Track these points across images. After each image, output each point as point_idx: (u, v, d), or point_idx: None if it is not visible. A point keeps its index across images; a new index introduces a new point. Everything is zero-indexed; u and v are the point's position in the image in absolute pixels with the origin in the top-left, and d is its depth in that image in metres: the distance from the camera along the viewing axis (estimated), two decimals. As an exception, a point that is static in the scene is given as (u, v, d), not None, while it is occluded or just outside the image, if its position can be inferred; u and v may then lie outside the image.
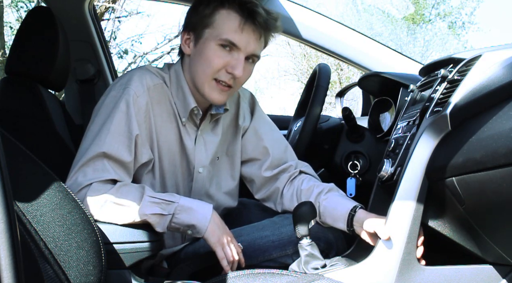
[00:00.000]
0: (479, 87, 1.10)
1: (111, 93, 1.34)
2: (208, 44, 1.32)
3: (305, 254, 1.26)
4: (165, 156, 1.39)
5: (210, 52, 1.31)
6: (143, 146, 1.33)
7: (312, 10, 1.95)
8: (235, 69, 1.31)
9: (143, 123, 1.32)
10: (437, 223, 1.23)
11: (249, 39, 1.31)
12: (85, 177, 1.23)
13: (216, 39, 1.31)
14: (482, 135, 1.05)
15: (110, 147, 1.26)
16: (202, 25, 1.33)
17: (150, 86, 1.34)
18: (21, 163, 1.03)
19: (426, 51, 13.66)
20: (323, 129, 1.90)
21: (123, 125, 1.28)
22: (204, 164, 1.45)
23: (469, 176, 1.06)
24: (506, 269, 1.23)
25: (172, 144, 1.40)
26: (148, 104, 1.33)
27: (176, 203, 1.24)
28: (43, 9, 1.67)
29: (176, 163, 1.42)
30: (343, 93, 2.53)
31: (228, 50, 1.31)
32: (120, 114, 1.29)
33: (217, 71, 1.32)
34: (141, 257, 1.18)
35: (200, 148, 1.44)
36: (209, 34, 1.32)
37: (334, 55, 1.94)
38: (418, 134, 1.22)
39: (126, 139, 1.28)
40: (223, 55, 1.31)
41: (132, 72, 1.38)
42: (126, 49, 9.30)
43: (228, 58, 1.31)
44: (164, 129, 1.38)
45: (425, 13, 14.46)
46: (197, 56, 1.35)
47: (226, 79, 1.33)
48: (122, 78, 1.37)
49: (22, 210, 0.93)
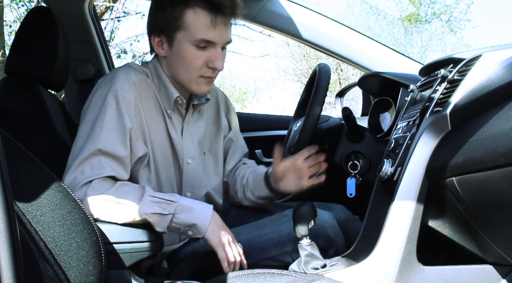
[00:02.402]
0: (479, 87, 1.10)
1: (97, 91, 1.35)
2: (184, 46, 1.34)
3: (305, 254, 1.26)
4: (157, 150, 1.40)
5: (187, 54, 1.34)
6: (137, 140, 1.34)
7: (312, 10, 1.95)
8: (216, 63, 1.35)
9: (134, 117, 1.34)
10: (437, 223, 1.23)
11: (221, 32, 1.34)
12: (83, 175, 1.23)
13: (191, 40, 1.32)
14: (482, 135, 1.05)
15: (105, 143, 1.26)
16: (172, 28, 1.34)
17: (135, 81, 1.36)
18: (21, 163, 1.03)
19: (425, 51, 13.68)
20: (323, 129, 1.90)
21: (115, 120, 1.29)
22: (193, 155, 1.47)
23: (469, 176, 1.06)
24: (506, 269, 1.23)
25: (161, 137, 1.42)
26: (136, 99, 1.35)
27: (177, 202, 1.24)
28: (43, 9, 1.66)
29: (167, 156, 1.43)
30: (343, 93, 2.53)
31: (204, 48, 1.34)
32: (111, 109, 1.29)
33: (200, 69, 1.35)
34: (141, 257, 1.18)
35: (187, 139, 1.46)
36: (182, 36, 1.33)
37: (334, 55, 1.94)
38: (418, 134, 1.22)
39: (120, 134, 1.29)
40: (201, 54, 1.34)
41: (115, 70, 1.40)
42: (125, 49, 9.31)
43: (206, 54, 1.34)
44: (153, 123, 1.39)
45: (421, 13, 14.48)
46: (174, 58, 1.37)
47: (209, 74, 1.37)
48: (107, 77, 1.38)
49: (22, 210, 0.93)
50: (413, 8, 14.00)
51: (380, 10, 13.17)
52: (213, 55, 1.34)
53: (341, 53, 1.91)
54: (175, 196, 1.28)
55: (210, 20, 1.31)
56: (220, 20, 1.32)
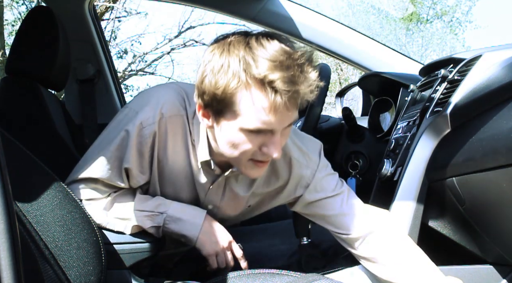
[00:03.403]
0: (479, 87, 1.10)
1: (121, 114, 1.20)
2: (233, 129, 1.04)
3: (305, 254, 1.26)
4: (168, 180, 1.23)
5: (236, 139, 1.05)
6: (139, 176, 1.20)
7: (312, 10, 1.95)
8: (271, 150, 1.06)
9: (147, 152, 1.17)
10: (437, 223, 1.23)
11: (283, 117, 1.02)
12: (80, 195, 1.19)
13: (242, 128, 1.03)
14: (482, 135, 1.05)
15: (103, 174, 1.18)
16: (218, 109, 1.04)
17: (165, 116, 1.14)
18: (21, 163, 1.03)
19: (425, 51, 13.68)
20: (323, 129, 1.90)
21: (118, 155, 1.17)
22: (217, 204, 1.28)
23: (469, 176, 1.06)
24: (506, 269, 1.23)
25: (180, 170, 1.22)
26: (155, 136, 1.15)
27: (165, 214, 1.18)
28: (43, 9, 1.66)
29: (181, 191, 1.25)
30: (343, 93, 2.53)
31: (259, 133, 1.05)
32: (118, 142, 1.16)
33: (250, 155, 1.08)
34: (141, 257, 1.18)
35: (216, 191, 1.25)
36: (232, 117, 1.03)
37: (334, 55, 1.94)
38: (418, 134, 1.22)
39: (118, 169, 1.18)
40: (254, 139, 1.05)
41: (152, 92, 1.20)
42: (126, 49, 9.32)
43: (260, 139, 1.05)
44: (173, 156, 1.20)
45: (422, 13, 14.48)
46: (221, 136, 1.09)
47: (263, 158, 1.10)
48: (139, 99, 1.21)
49: (22, 210, 0.93)
50: (413, 8, 14.00)
51: (381, 10, 13.18)
52: (268, 141, 1.05)
53: (341, 53, 1.91)
54: (164, 204, 1.19)
55: (269, 104, 0.99)
56: (282, 104, 1.00)
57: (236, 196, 1.26)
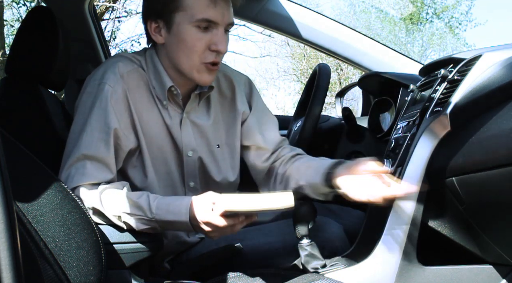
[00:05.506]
0: (479, 87, 1.10)
1: (87, 89, 1.31)
2: (183, 28, 1.26)
3: (305, 254, 1.26)
4: (152, 143, 1.35)
5: (188, 37, 1.27)
6: (127, 138, 1.30)
7: (312, 10, 1.95)
8: (219, 45, 1.27)
9: (124, 112, 1.29)
10: (437, 223, 1.23)
11: (223, 11, 1.27)
12: (72, 180, 1.22)
13: (191, 21, 1.25)
14: (482, 135, 1.05)
15: (88, 147, 1.24)
16: (169, 10, 1.27)
17: (123, 73, 1.30)
18: (21, 163, 1.03)
19: (425, 50, 13.69)
20: (323, 129, 1.90)
21: (101, 121, 1.26)
22: (193, 147, 1.40)
23: (469, 176, 1.06)
24: (506, 269, 1.23)
25: (157, 129, 1.35)
26: (125, 91, 1.30)
27: (154, 221, 1.18)
28: (43, 9, 1.66)
29: (166, 149, 1.37)
30: (343, 93, 2.53)
31: (205, 29, 1.27)
32: (97, 110, 1.26)
33: (202, 54, 1.28)
34: (141, 257, 1.18)
35: (187, 131, 1.38)
36: (181, 18, 1.26)
37: (334, 55, 1.94)
38: (418, 134, 1.22)
39: (103, 134, 1.25)
40: (202, 36, 1.27)
41: (105, 63, 1.35)
42: (125, 49, 9.31)
43: (209, 36, 1.27)
44: (146, 115, 1.33)
45: (422, 13, 14.49)
46: (174, 44, 1.29)
47: (212, 58, 1.29)
48: (97, 72, 1.33)
49: (22, 210, 0.93)
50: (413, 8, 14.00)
51: (381, 10, 13.19)
52: (215, 37, 1.27)
53: (341, 53, 1.91)
54: (150, 208, 1.18)
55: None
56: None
57: (203, 130, 1.41)
